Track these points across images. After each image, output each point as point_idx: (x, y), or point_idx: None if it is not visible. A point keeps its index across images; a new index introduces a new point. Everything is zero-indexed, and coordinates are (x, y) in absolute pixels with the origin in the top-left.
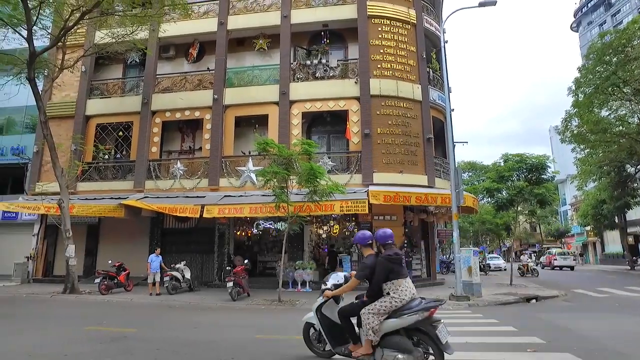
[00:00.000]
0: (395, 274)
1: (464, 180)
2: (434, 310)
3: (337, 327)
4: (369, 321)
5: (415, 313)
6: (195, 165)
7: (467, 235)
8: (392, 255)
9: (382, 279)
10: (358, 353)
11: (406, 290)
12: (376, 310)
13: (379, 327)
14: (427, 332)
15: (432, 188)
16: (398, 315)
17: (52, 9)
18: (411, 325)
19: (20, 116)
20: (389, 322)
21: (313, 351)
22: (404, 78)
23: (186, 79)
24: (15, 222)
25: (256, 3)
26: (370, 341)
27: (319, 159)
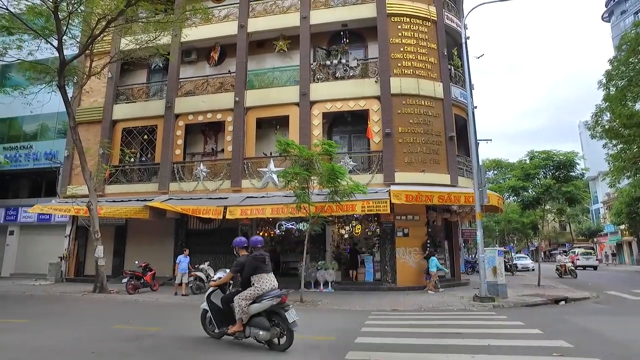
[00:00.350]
0: (259, 269)
1: (489, 178)
2: (285, 297)
3: (221, 311)
4: (239, 305)
5: (271, 299)
6: (218, 167)
7: (493, 235)
8: (257, 256)
9: (250, 272)
10: (232, 330)
11: (267, 282)
12: (244, 297)
13: (247, 309)
14: (279, 313)
15: (455, 187)
16: (259, 301)
17: (80, 18)
18: (269, 309)
19: (52, 122)
20: (253, 306)
21: (207, 333)
22: (424, 76)
23: (208, 82)
24: (49, 223)
25: (275, 5)
26: (242, 320)
27: (340, 159)
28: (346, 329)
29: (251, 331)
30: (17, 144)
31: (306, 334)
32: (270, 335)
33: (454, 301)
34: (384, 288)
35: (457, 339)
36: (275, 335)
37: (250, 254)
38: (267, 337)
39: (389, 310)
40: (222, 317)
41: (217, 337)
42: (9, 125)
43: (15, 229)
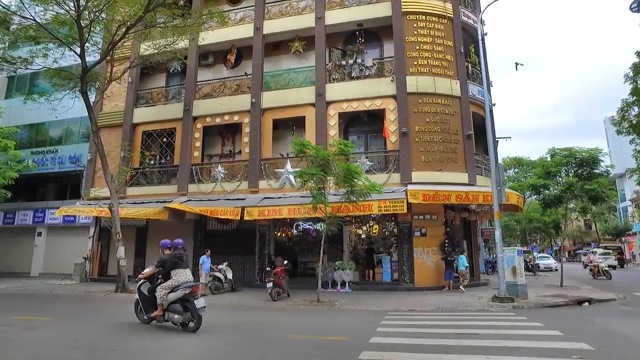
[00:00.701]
0: (177, 265)
1: (510, 177)
2: (196, 288)
3: (148, 299)
4: (160, 294)
5: (184, 289)
6: (236, 169)
7: (514, 234)
8: (177, 254)
9: (170, 268)
10: (154, 314)
11: (182, 276)
12: (164, 287)
13: (166, 297)
14: (190, 301)
15: (473, 186)
16: (176, 290)
17: (101, 25)
18: (182, 297)
19: (76, 127)
20: (171, 295)
21: (139, 319)
22: (441, 74)
23: (225, 85)
24: (74, 225)
25: (290, 6)
26: (162, 306)
27: (356, 159)
28: (361, 329)
29: (169, 315)
30: (44, 149)
31: (321, 334)
32: (183, 318)
33: (472, 301)
34: (402, 288)
35: (473, 339)
36: (187, 319)
37: (172, 253)
38: (181, 320)
39: (406, 311)
40: (149, 305)
41: (146, 322)
42: (37, 130)
43: (43, 230)
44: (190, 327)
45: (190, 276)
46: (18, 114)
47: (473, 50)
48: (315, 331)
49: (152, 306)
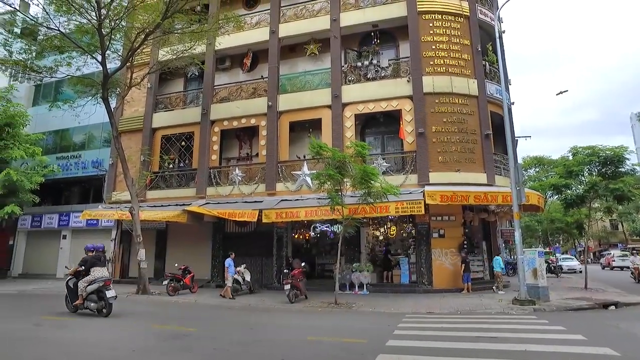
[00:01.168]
0: (95, 264)
1: (530, 176)
2: (108, 282)
3: (73, 291)
4: (81, 286)
5: (98, 283)
6: (253, 171)
7: (536, 235)
8: (96, 256)
9: (89, 266)
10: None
11: (99, 273)
12: (84, 281)
13: (85, 289)
14: (103, 292)
15: (492, 186)
16: (92, 283)
17: (121, 33)
18: (97, 289)
19: (98, 132)
20: (89, 287)
21: (68, 309)
22: (458, 73)
23: (242, 88)
24: (97, 228)
25: (305, 9)
26: (82, 296)
27: (373, 160)
28: (379, 332)
29: (87, 304)
30: (68, 154)
31: (338, 336)
32: (98, 306)
33: (492, 304)
34: (420, 290)
35: (492, 343)
36: (101, 307)
37: (94, 254)
38: (96, 307)
39: (424, 313)
40: (74, 296)
41: (73, 311)
42: (61, 136)
43: (68, 233)
44: (103, 313)
45: (106, 273)
46: (44, 120)
47: (490, 48)
48: (332, 333)
49: (76, 297)
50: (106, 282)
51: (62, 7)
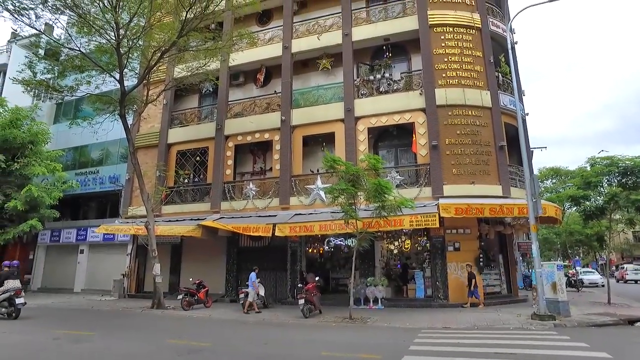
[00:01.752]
0: (9, 277)
1: (547, 187)
2: (19, 291)
3: None
4: None
5: (10, 292)
6: (267, 186)
7: (554, 248)
8: (10, 270)
9: (4, 279)
10: None
11: (11, 284)
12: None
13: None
14: (13, 299)
15: (508, 198)
16: (5, 293)
17: (138, 52)
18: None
19: (115, 148)
20: (2, 296)
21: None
22: (471, 85)
23: (255, 103)
24: (113, 242)
25: (317, 24)
26: None
27: (386, 173)
28: (394, 347)
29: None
30: (86, 170)
31: (353, 351)
32: (8, 311)
33: (510, 319)
34: (436, 305)
35: None
36: (11, 312)
37: (9, 270)
38: (7, 312)
39: (440, 328)
40: None
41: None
42: (80, 152)
43: (85, 247)
44: (13, 316)
45: (18, 284)
46: (64, 137)
47: (503, 59)
48: (347, 349)
49: None
50: (17, 292)
51: (84, 29)
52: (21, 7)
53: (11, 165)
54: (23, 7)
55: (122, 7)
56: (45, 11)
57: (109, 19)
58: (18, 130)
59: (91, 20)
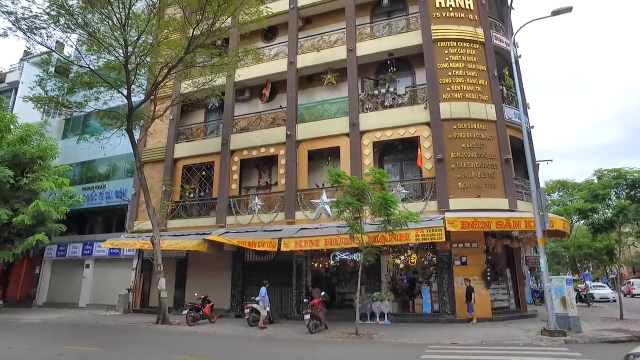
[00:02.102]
0: None
1: (554, 200)
2: None
3: None
4: None
5: None
6: (272, 200)
7: (563, 262)
8: None
9: None
10: None
11: None
12: None
13: None
14: None
15: (514, 212)
16: None
17: (146, 68)
18: None
19: (122, 163)
20: None
21: None
22: (475, 99)
23: (261, 118)
24: (119, 257)
25: (322, 40)
26: None
27: (392, 187)
28: None
29: None
30: (93, 184)
31: None
32: None
33: (519, 334)
34: (443, 320)
35: None
36: None
37: None
38: None
39: (447, 344)
40: None
41: None
42: (87, 167)
43: (91, 262)
44: None
45: None
46: (72, 152)
47: (507, 73)
48: None
49: None
50: None
51: (93, 47)
52: (34, 27)
53: (20, 181)
54: (36, 26)
55: (131, 25)
56: (56, 30)
57: (118, 37)
58: (28, 146)
59: (100, 38)
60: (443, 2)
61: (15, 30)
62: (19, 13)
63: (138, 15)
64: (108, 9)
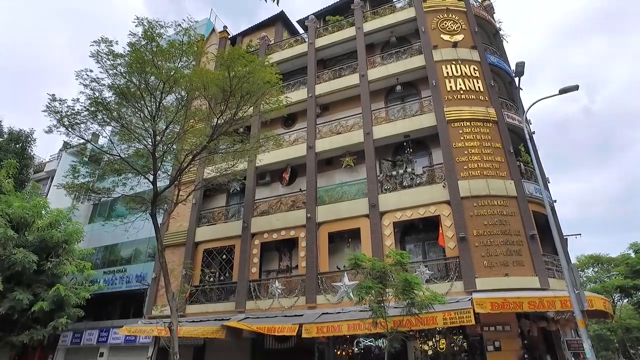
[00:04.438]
0: None
1: (589, 277)
2: None
3: None
4: None
5: None
6: (293, 284)
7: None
8: None
9: None
10: None
11: None
12: None
13: None
14: None
15: (547, 290)
16: None
17: (171, 155)
18: None
19: (144, 247)
20: None
21: None
22: (493, 175)
23: (281, 201)
24: (135, 344)
25: (340, 125)
26: None
27: (415, 268)
28: None
29: None
30: (114, 268)
31: None
32: None
33: None
34: None
35: None
36: None
37: None
38: None
39: None
40: None
41: None
42: (110, 251)
43: (105, 350)
44: None
45: None
46: (97, 236)
47: (523, 149)
48: None
49: None
50: None
51: (125, 137)
52: (75, 122)
53: (44, 265)
54: (76, 122)
55: (160, 117)
56: (94, 123)
57: (148, 127)
58: (56, 230)
59: (132, 129)
60: (454, 86)
61: (59, 126)
62: (63, 112)
63: (167, 107)
64: (141, 103)
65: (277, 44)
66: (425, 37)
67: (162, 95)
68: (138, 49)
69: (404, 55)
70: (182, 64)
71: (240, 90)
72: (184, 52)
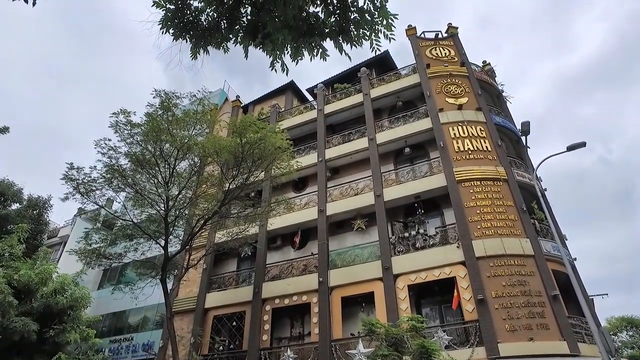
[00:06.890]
0: None
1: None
2: None
3: None
4: None
5: None
6: (306, 351)
7: None
8: None
9: None
10: None
11: None
12: None
13: None
14: None
15: (578, 357)
16: None
17: (183, 220)
18: None
19: (152, 314)
20: None
21: None
22: (508, 234)
23: (292, 266)
24: None
25: (350, 188)
26: None
27: (432, 333)
28: None
29: None
30: (121, 337)
31: None
32: None
33: None
34: None
35: None
36: None
37: None
38: None
39: None
40: None
41: None
42: (117, 318)
43: None
44: None
45: None
46: (105, 302)
47: (536, 206)
48: None
49: None
50: None
51: (138, 202)
52: (90, 189)
53: (45, 333)
54: (92, 189)
55: (173, 182)
56: (109, 190)
57: (161, 193)
58: (61, 297)
59: (145, 194)
60: (462, 146)
61: (75, 194)
62: (80, 179)
63: (180, 173)
64: (155, 170)
65: (288, 111)
66: (431, 101)
67: (175, 161)
68: (155, 118)
69: (411, 119)
70: (196, 132)
71: (251, 156)
72: (197, 121)
